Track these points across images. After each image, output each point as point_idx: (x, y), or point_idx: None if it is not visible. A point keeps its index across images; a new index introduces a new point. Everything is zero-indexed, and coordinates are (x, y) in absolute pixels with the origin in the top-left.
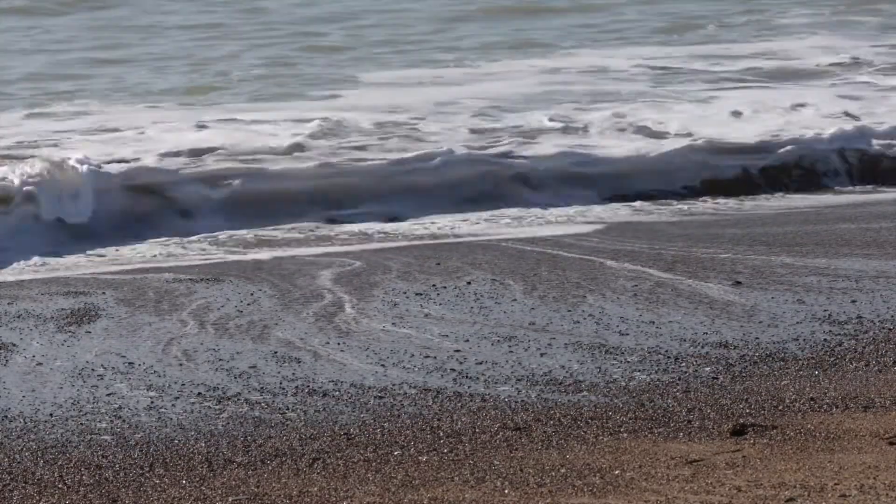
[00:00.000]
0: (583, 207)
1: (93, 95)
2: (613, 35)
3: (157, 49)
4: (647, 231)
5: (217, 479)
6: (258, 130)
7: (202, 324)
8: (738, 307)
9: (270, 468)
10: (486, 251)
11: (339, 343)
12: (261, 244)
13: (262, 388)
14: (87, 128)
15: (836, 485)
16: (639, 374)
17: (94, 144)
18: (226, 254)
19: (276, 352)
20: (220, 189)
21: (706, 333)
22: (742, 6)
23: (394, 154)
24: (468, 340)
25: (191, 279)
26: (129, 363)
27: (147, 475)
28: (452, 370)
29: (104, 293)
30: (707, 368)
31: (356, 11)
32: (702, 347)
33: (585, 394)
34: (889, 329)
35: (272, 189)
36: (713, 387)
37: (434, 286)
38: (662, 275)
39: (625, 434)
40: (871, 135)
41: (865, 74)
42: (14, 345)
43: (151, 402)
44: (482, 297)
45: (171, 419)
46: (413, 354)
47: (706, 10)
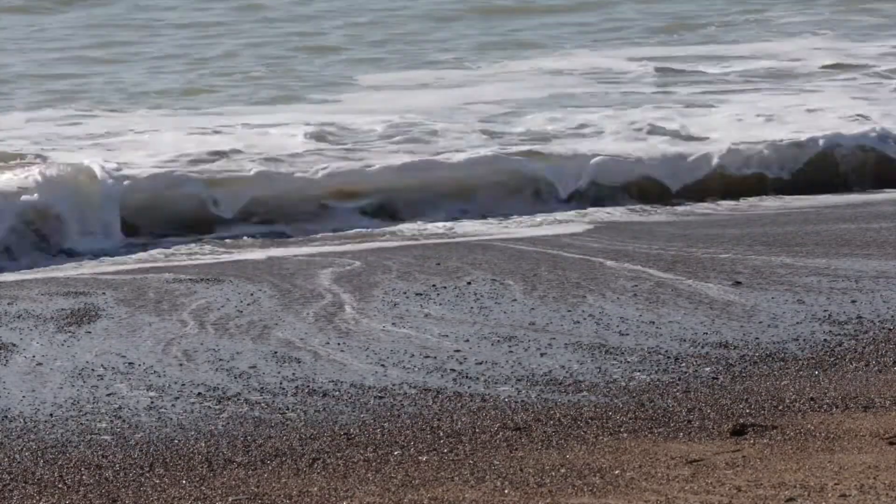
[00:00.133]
0: (582, 209)
1: (92, 96)
2: (610, 35)
3: (155, 48)
4: (647, 231)
5: (217, 479)
6: (272, 133)
7: (202, 324)
8: (738, 307)
9: (270, 468)
10: (486, 251)
11: (339, 343)
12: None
13: (262, 389)
14: (91, 132)
15: (836, 485)
16: (639, 374)
17: (99, 149)
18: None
19: (276, 352)
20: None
21: (706, 333)
22: (739, 6)
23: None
24: (468, 340)
25: (191, 279)
26: (129, 363)
27: (147, 475)
28: (452, 370)
29: (104, 293)
30: (707, 368)
31: (349, 10)
32: (702, 347)
33: (585, 394)
34: (889, 329)
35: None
36: (713, 387)
37: (434, 286)
38: (662, 275)
39: (625, 434)
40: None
41: (873, 75)
42: (14, 345)
43: (151, 402)
44: (482, 297)
45: (171, 419)
46: (413, 354)
47: (704, 10)
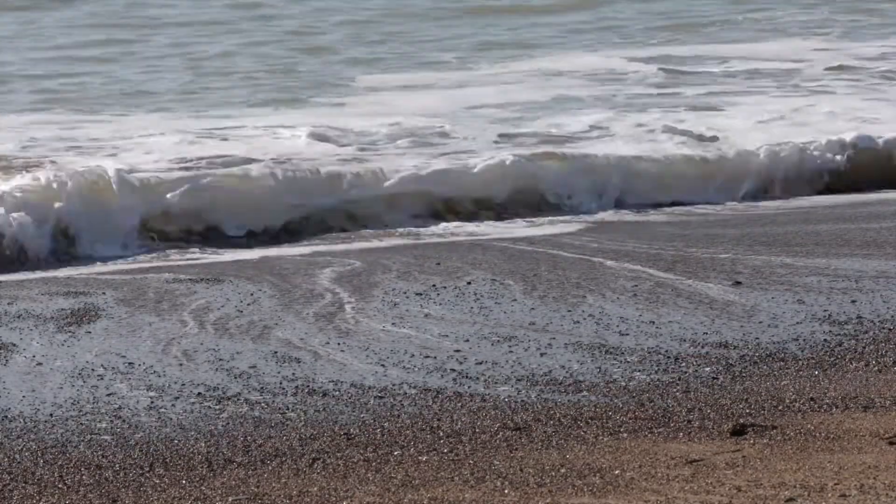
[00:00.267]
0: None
1: (92, 97)
2: (609, 35)
3: (155, 47)
4: (647, 231)
5: (217, 479)
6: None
7: (202, 324)
8: (738, 307)
9: (270, 468)
10: (486, 251)
11: (339, 343)
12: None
13: (262, 388)
14: (96, 135)
15: (836, 485)
16: (639, 374)
17: (107, 154)
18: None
19: (276, 352)
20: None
21: (706, 333)
22: (739, 6)
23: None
24: (468, 340)
25: (191, 279)
26: (129, 363)
27: (147, 475)
28: (452, 370)
29: (104, 293)
30: (707, 368)
31: (346, 8)
32: (702, 347)
33: (585, 394)
34: (889, 329)
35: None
36: (713, 387)
37: (434, 286)
38: (662, 275)
39: (625, 434)
40: None
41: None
42: (14, 345)
43: (151, 402)
44: (482, 297)
45: (171, 419)
46: (413, 354)
47: (704, 10)
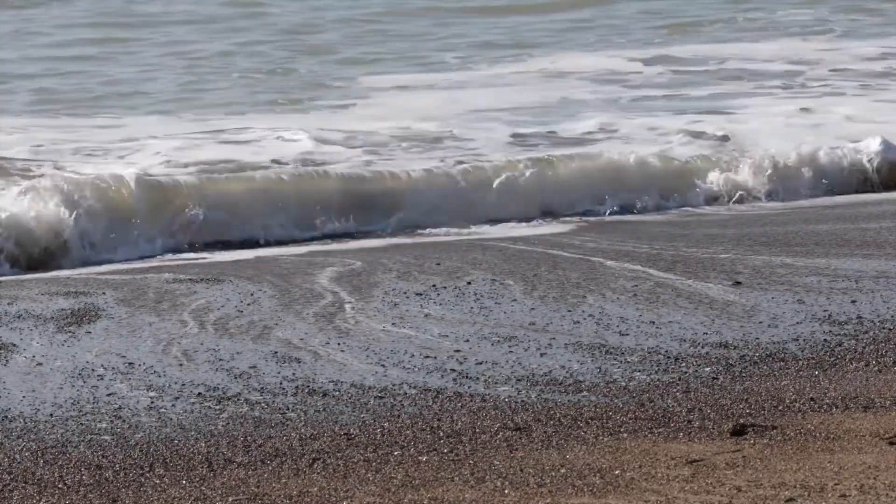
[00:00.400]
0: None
1: (92, 98)
2: (608, 34)
3: (153, 47)
4: (647, 231)
5: (217, 479)
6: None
7: (202, 324)
8: (738, 307)
9: (270, 468)
10: (486, 251)
11: (339, 343)
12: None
13: (262, 388)
14: (105, 138)
15: (836, 485)
16: (639, 375)
17: (117, 158)
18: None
19: (276, 352)
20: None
21: (706, 333)
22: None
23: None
24: (468, 340)
25: (191, 279)
26: (129, 363)
27: (147, 475)
28: (452, 370)
29: (104, 293)
30: (707, 368)
31: (343, 6)
32: (702, 347)
33: (585, 394)
34: (889, 329)
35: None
36: (713, 387)
37: (434, 286)
38: (662, 275)
39: (625, 434)
40: None
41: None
42: (14, 345)
43: (151, 402)
44: (482, 298)
45: (171, 419)
46: (413, 354)
47: (704, 10)
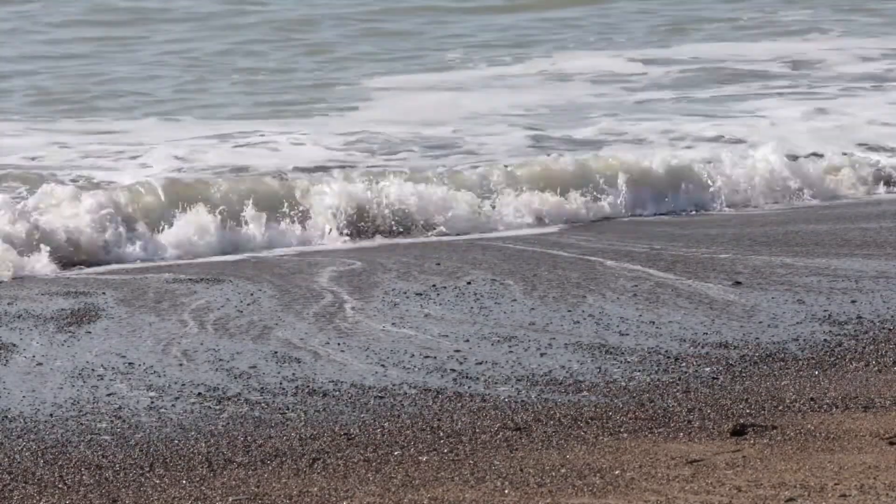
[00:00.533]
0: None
1: (93, 98)
2: (609, 34)
3: (154, 46)
4: (647, 231)
5: (217, 479)
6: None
7: (202, 324)
8: (738, 307)
9: (270, 468)
10: (486, 251)
11: (340, 343)
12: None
13: (262, 388)
14: (114, 141)
15: (836, 485)
16: (639, 374)
17: (129, 162)
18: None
19: (276, 352)
20: None
21: (706, 333)
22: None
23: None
24: (468, 340)
25: (191, 279)
26: (129, 363)
27: (147, 475)
28: (452, 370)
29: (104, 293)
30: (707, 368)
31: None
32: (702, 347)
33: (585, 394)
34: (889, 329)
35: None
36: (713, 387)
37: (434, 286)
38: (662, 275)
39: (625, 434)
40: None
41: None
42: (14, 345)
43: (151, 402)
44: (482, 297)
45: (171, 419)
46: (413, 354)
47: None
